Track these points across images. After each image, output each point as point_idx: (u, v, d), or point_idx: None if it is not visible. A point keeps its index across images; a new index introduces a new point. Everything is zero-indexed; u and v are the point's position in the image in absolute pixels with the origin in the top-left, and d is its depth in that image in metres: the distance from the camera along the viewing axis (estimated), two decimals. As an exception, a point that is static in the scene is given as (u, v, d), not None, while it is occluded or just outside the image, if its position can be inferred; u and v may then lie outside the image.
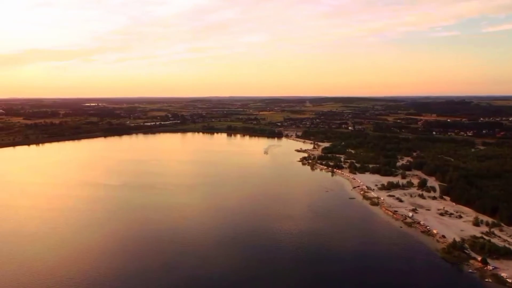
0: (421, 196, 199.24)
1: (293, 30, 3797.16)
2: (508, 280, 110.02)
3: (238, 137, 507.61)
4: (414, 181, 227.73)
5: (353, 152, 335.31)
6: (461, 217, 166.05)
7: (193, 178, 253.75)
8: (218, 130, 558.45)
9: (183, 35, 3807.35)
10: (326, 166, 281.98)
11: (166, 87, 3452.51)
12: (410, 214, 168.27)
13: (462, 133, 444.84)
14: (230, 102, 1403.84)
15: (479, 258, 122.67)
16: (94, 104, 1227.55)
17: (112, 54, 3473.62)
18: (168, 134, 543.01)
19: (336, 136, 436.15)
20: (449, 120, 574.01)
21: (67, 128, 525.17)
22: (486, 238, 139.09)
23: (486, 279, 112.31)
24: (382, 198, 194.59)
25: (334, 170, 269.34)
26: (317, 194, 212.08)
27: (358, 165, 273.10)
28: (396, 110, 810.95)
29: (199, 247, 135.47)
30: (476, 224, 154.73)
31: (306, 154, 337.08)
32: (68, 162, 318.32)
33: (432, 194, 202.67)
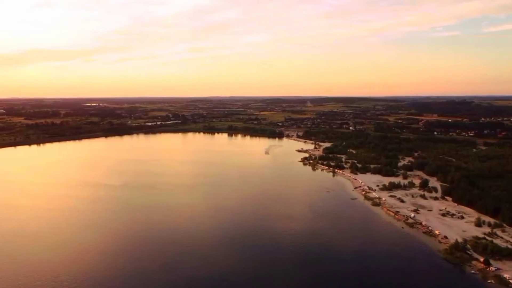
0: (422, 196, 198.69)
1: (293, 30, 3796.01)
2: (510, 281, 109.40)
3: (239, 137, 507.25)
4: (416, 181, 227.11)
5: (354, 152, 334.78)
6: (463, 217, 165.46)
7: (194, 178, 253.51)
8: (219, 130, 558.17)
9: (184, 35, 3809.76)
10: (327, 166, 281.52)
11: (166, 87, 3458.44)
12: (412, 215, 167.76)
13: (463, 133, 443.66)
14: (231, 102, 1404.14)
15: (482, 259, 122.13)
16: (95, 104, 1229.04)
17: (113, 54, 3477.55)
18: (169, 134, 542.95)
19: (337, 136, 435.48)
20: (450, 120, 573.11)
21: (68, 128, 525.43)
22: (489, 239, 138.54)
23: (488, 280, 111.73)
24: (383, 199, 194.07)
25: (335, 170, 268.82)
26: (318, 195, 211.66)
27: (359, 165, 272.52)
28: (397, 110, 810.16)
29: (200, 247, 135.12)
30: (478, 224, 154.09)
31: (307, 154, 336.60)
32: (69, 162, 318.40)
33: (433, 194, 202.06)
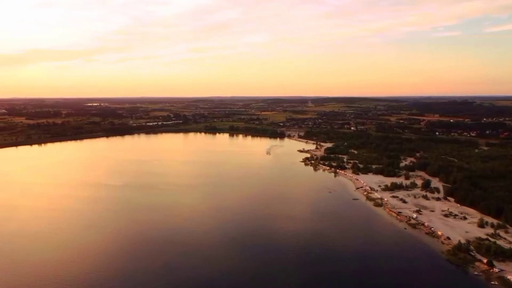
0: (425, 197, 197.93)
1: (294, 30, 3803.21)
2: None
3: (240, 137, 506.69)
4: (418, 182, 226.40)
5: (355, 152, 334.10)
6: (465, 218, 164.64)
7: (195, 178, 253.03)
8: (220, 130, 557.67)
9: (185, 35, 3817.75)
10: (328, 167, 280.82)
11: (168, 87, 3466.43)
12: (414, 215, 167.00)
13: (465, 133, 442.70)
14: (232, 102, 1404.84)
15: (485, 260, 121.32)
16: (96, 104, 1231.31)
17: (114, 54, 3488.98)
18: (170, 134, 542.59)
19: (338, 136, 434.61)
20: (452, 120, 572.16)
21: (69, 128, 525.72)
22: (492, 240, 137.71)
23: (492, 282, 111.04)
24: (385, 199, 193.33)
25: (337, 170, 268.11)
26: (320, 195, 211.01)
27: (361, 165, 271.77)
28: (398, 110, 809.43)
29: (200, 247, 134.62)
30: (481, 225, 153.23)
31: (308, 155, 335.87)
32: (70, 162, 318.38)
33: (436, 195, 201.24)
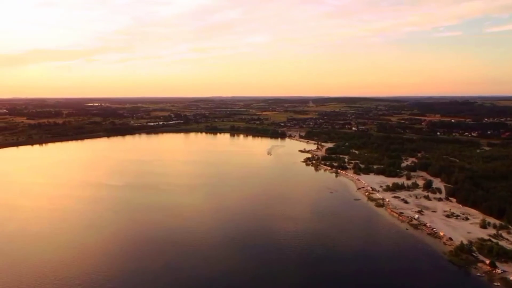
0: (426, 197, 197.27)
1: (295, 30, 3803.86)
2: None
3: (241, 137, 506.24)
4: (419, 182, 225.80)
5: (357, 152, 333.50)
6: (467, 219, 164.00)
7: (196, 178, 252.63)
8: (221, 130, 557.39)
9: (186, 35, 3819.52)
10: (330, 167, 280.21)
11: (168, 87, 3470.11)
12: (416, 216, 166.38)
13: (466, 133, 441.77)
14: (233, 102, 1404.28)
15: (488, 261, 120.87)
16: (97, 104, 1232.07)
17: (115, 54, 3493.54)
18: (171, 134, 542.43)
19: (339, 136, 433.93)
20: (453, 120, 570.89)
21: (70, 128, 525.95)
22: (494, 240, 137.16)
23: (495, 283, 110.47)
24: (387, 200, 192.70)
25: (338, 171, 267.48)
26: (321, 195, 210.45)
27: (362, 165, 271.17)
28: (399, 110, 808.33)
29: (201, 248, 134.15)
30: (483, 226, 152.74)
31: (309, 155, 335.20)
32: (71, 162, 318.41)
33: (437, 195, 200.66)
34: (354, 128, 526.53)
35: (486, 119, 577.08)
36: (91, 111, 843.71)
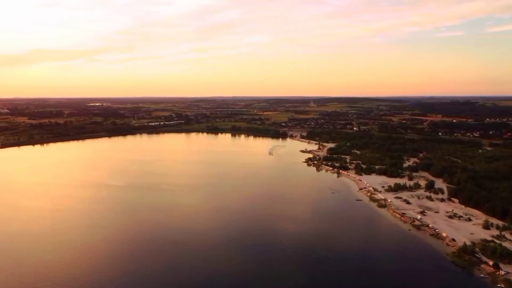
0: (429, 198, 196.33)
1: (296, 31, 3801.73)
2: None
3: (243, 137, 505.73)
4: (422, 182, 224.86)
5: (358, 153, 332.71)
6: (470, 220, 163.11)
7: (197, 178, 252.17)
8: (222, 130, 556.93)
9: (187, 35, 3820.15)
10: (331, 167, 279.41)
11: (170, 87, 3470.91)
12: (418, 217, 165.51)
13: (468, 134, 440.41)
14: (234, 102, 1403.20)
15: (491, 262, 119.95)
16: (98, 104, 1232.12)
17: (116, 54, 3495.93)
18: (172, 134, 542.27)
19: (341, 136, 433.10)
20: (454, 120, 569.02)
21: (72, 128, 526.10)
22: (497, 241, 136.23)
23: (498, 284, 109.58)
24: (389, 200, 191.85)
25: (340, 171, 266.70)
26: (323, 196, 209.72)
27: (364, 166, 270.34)
28: (401, 110, 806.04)
29: (202, 248, 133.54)
30: (486, 227, 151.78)
31: (311, 155, 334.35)
32: (72, 162, 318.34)
33: (440, 196, 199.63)
34: (355, 128, 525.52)
35: (488, 119, 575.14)
36: (92, 111, 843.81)
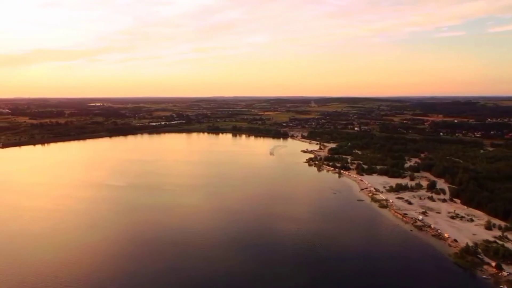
0: (430, 198, 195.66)
1: (297, 31, 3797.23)
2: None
3: (243, 137, 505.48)
4: (423, 183, 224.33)
5: (359, 153, 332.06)
6: (472, 220, 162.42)
7: (198, 178, 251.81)
8: (223, 131, 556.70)
9: (188, 35, 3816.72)
10: (333, 167, 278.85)
11: (171, 87, 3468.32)
12: (420, 217, 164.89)
13: (469, 134, 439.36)
14: (235, 102, 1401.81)
15: (493, 263, 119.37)
16: (99, 104, 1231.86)
17: (117, 54, 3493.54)
18: (173, 134, 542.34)
19: (342, 136, 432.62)
20: (456, 120, 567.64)
21: (73, 128, 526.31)
22: (500, 242, 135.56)
23: (501, 286, 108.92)
24: (391, 201, 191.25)
25: (341, 171, 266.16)
26: (324, 196, 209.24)
27: (365, 166, 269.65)
28: (402, 110, 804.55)
29: (202, 248, 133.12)
30: (488, 228, 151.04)
31: (312, 155, 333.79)
32: (73, 162, 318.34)
33: (441, 196, 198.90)
34: (356, 128, 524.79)
35: (489, 120, 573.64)
36: (93, 111, 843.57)
